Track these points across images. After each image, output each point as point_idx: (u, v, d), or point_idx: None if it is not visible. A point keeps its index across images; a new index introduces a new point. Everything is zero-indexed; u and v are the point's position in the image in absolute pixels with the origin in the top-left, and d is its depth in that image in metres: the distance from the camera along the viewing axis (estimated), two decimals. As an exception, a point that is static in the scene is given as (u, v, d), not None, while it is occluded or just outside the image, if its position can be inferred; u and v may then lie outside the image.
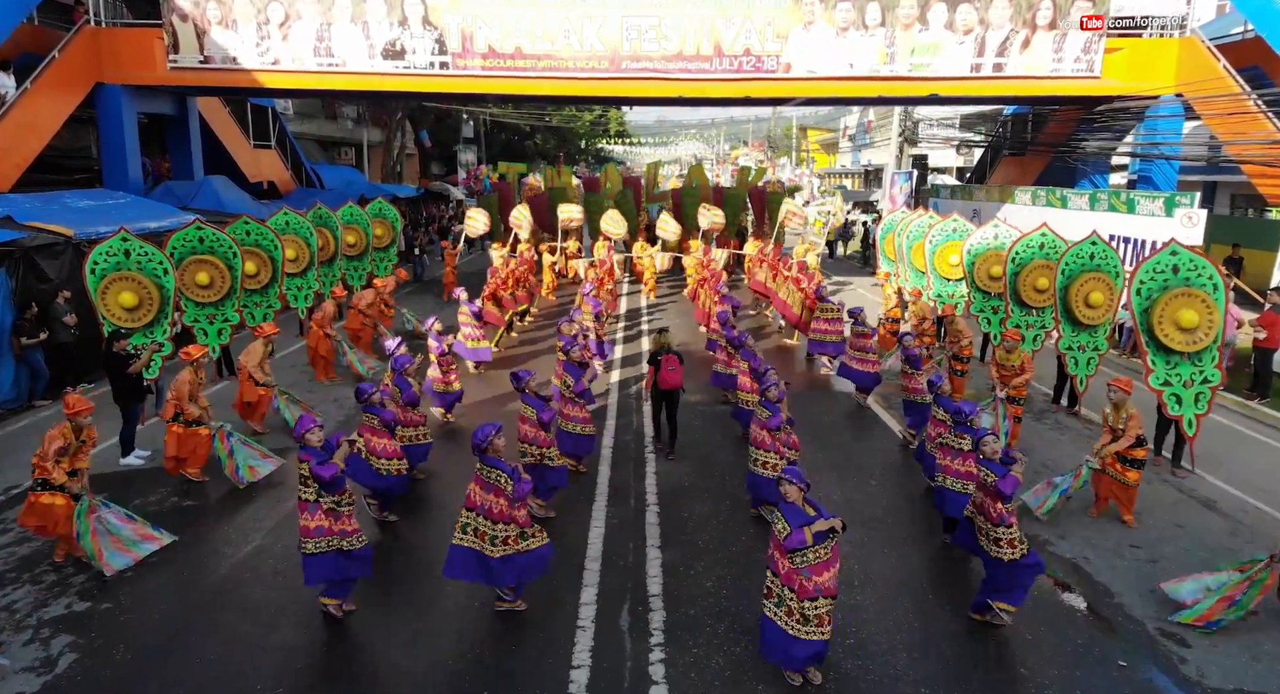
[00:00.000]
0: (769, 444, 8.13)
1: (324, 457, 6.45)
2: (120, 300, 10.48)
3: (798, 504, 5.73)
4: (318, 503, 6.44)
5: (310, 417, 6.72)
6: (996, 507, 6.32)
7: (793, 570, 5.54)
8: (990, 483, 6.37)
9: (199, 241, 12.48)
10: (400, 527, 8.35)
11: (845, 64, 19.30)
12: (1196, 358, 9.46)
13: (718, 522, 8.34)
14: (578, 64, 19.20)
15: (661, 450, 10.28)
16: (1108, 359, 12.54)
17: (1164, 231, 16.67)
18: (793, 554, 5.51)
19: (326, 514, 6.44)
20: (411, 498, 9.08)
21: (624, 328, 17.78)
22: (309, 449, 6.47)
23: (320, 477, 6.30)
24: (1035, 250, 12.88)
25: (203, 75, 19.24)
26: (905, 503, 8.99)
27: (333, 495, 6.45)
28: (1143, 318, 9.42)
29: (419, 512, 8.77)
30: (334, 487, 6.43)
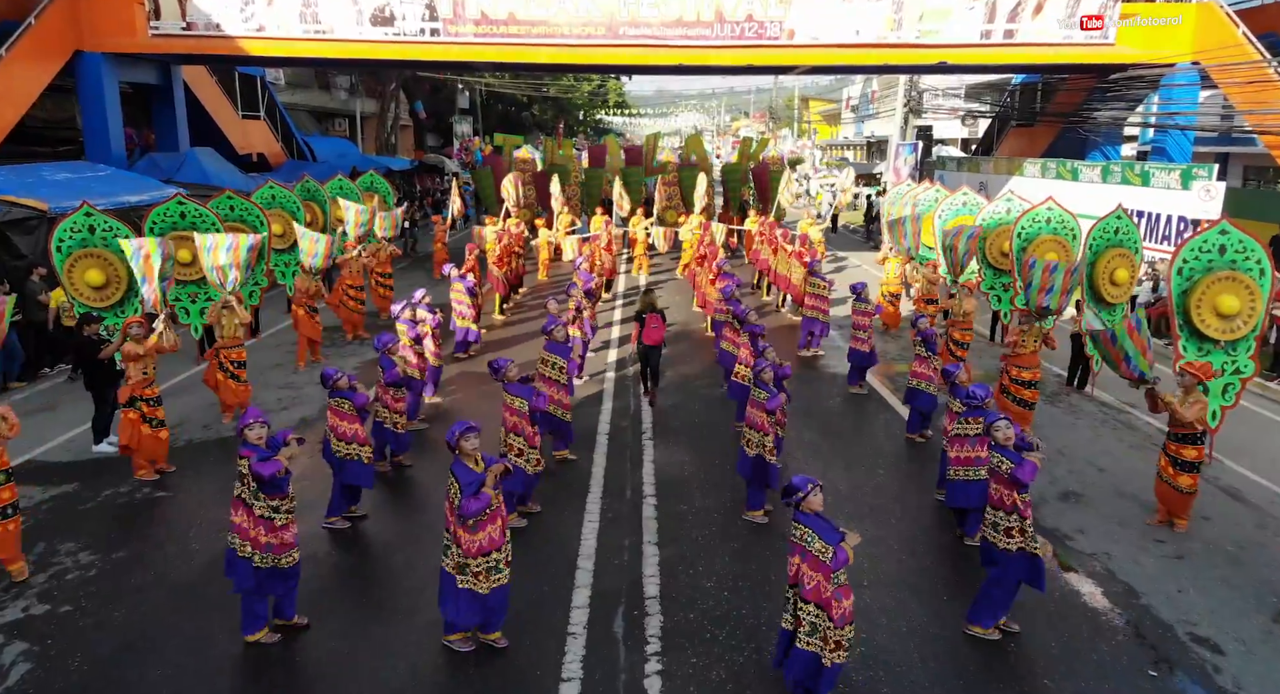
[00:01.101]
0: (764, 426, 7.69)
1: (266, 454, 5.82)
2: (87, 279, 9.94)
3: (822, 514, 5.20)
4: (249, 505, 5.82)
5: (256, 410, 6.13)
6: (1011, 496, 5.85)
7: (831, 596, 4.98)
8: (1006, 471, 5.85)
9: (180, 217, 11.92)
10: (375, 523, 7.89)
11: (851, 30, 18.62)
12: (1231, 347, 8.90)
13: (719, 515, 7.90)
14: (573, 30, 18.54)
15: (647, 395, 11.28)
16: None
17: (1181, 205, 16.16)
18: (834, 574, 4.99)
19: (259, 520, 5.80)
20: (390, 489, 8.64)
21: (622, 306, 17.28)
22: (250, 445, 5.88)
23: (259, 474, 5.69)
24: (1042, 225, 12.35)
25: (185, 42, 18.59)
26: (915, 494, 8.54)
27: (271, 499, 5.82)
28: (1179, 299, 8.86)
29: (396, 506, 8.34)
30: (273, 488, 5.80)
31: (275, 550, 5.86)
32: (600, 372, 12.62)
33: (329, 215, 17.37)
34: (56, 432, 10.08)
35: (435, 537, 6.79)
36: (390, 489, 8.63)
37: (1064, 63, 19.64)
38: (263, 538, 5.81)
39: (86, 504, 8.21)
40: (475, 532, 5.56)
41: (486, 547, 5.60)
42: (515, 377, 7.61)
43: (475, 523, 5.53)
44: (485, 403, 10.47)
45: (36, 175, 15.27)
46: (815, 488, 5.16)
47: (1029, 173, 21.68)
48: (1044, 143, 25.32)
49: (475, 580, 5.63)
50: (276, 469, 5.71)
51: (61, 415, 10.66)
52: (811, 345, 13.89)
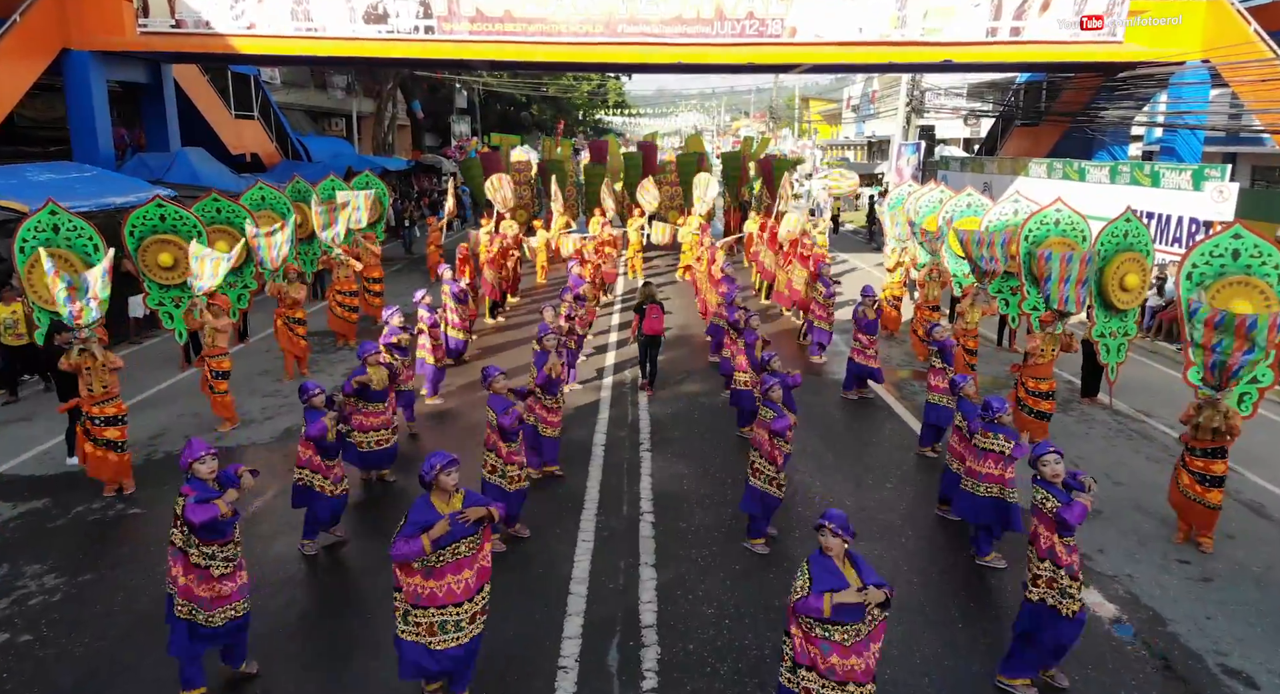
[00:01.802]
0: (765, 448, 7.16)
1: (207, 494, 5.08)
2: (46, 281, 9.39)
3: (835, 560, 4.47)
4: (184, 551, 5.10)
5: (200, 442, 5.33)
6: (1050, 538, 5.27)
7: (808, 638, 4.37)
8: (1050, 510, 5.25)
9: (160, 220, 11.53)
10: (353, 544, 7.49)
11: (854, 28, 18.23)
12: (1246, 355, 8.53)
13: (720, 534, 7.51)
14: (571, 28, 18.13)
15: (645, 387, 11.60)
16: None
17: (1193, 207, 15.77)
18: (803, 619, 4.39)
19: (192, 568, 5.07)
20: (375, 508, 8.25)
21: (620, 310, 16.89)
22: (195, 481, 5.19)
23: (189, 521, 4.96)
24: (1050, 227, 11.96)
25: (174, 40, 18.19)
26: (925, 511, 8.15)
27: (207, 544, 5.08)
28: (1189, 305, 8.49)
29: (379, 524, 7.94)
30: (207, 534, 5.06)
31: (208, 606, 5.13)
32: (596, 378, 12.24)
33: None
34: (31, 444, 9.70)
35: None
36: (375, 507, 8.24)
37: (1071, 61, 19.24)
38: (196, 590, 5.10)
39: (56, 521, 7.83)
40: (429, 578, 4.74)
41: (442, 599, 4.74)
42: (501, 388, 7.15)
43: (426, 567, 4.73)
44: (480, 411, 10.08)
45: (20, 176, 14.88)
46: (835, 533, 4.48)
47: (1034, 173, 21.28)
48: (1049, 143, 24.91)
49: (419, 633, 4.82)
50: (210, 516, 4.96)
51: (37, 427, 10.29)
52: (812, 352, 13.53)
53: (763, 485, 7.15)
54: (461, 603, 4.82)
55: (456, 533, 4.76)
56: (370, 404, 8.21)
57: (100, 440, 8.23)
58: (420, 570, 4.75)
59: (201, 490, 5.17)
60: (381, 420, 8.33)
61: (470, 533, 4.84)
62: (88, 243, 9.39)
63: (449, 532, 4.70)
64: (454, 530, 4.74)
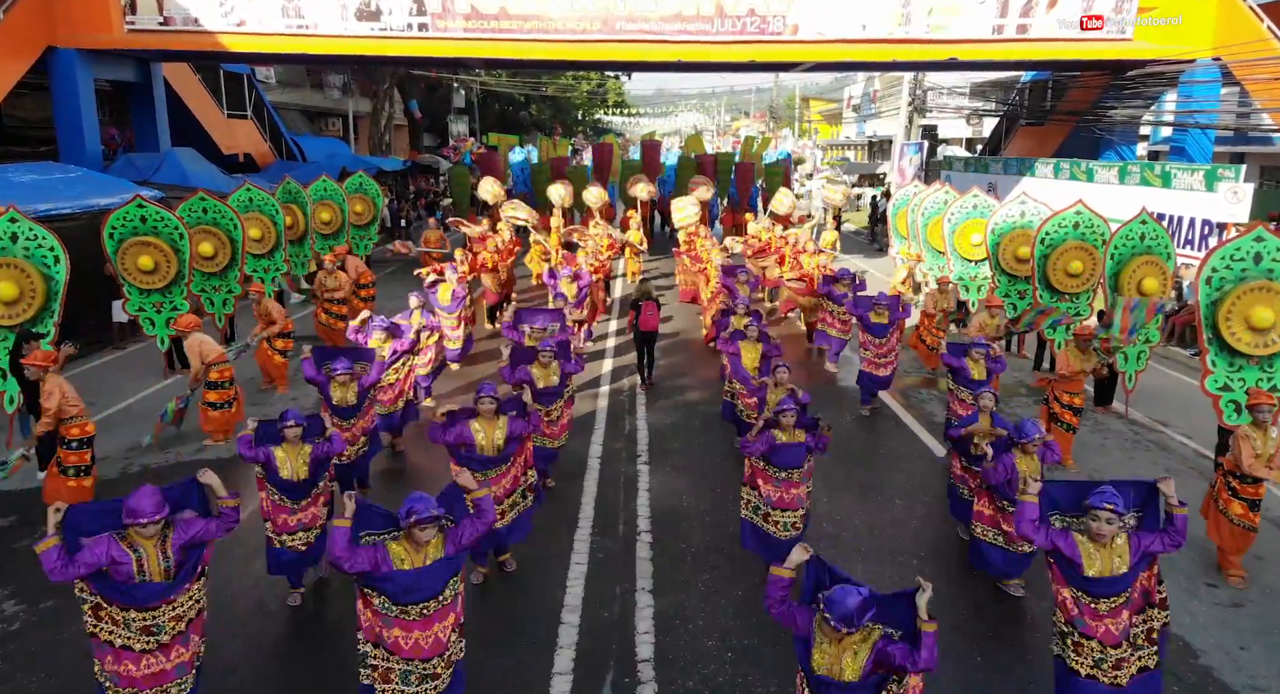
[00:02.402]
0: (790, 499, 6.25)
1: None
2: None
3: None
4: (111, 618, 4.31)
5: (150, 500, 4.38)
6: (1061, 591, 4.68)
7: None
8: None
9: (140, 221, 11.16)
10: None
11: (857, 25, 17.86)
12: (1267, 363, 8.14)
13: (721, 556, 7.10)
14: (568, 25, 17.77)
15: (644, 384, 11.77)
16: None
17: (1206, 208, 15.38)
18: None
19: (113, 648, 4.30)
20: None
21: (617, 317, 16.49)
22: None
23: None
24: (1069, 230, 11.60)
25: (163, 38, 17.83)
26: (938, 531, 7.75)
27: (124, 609, 4.27)
28: (1208, 311, 8.10)
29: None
30: (117, 594, 4.22)
31: (140, 685, 4.35)
32: (593, 386, 11.85)
33: (310, 219, 16.57)
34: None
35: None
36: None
37: (1079, 59, 18.85)
38: (129, 670, 4.32)
39: (22, 540, 7.43)
40: (390, 627, 4.17)
41: (407, 651, 4.21)
42: (488, 410, 6.33)
43: (401, 614, 4.17)
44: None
45: (1, 177, 14.48)
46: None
47: (1040, 173, 20.89)
48: (1054, 142, 24.51)
49: (378, 681, 4.31)
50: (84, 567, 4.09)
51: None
52: (831, 359, 13.05)
53: (749, 516, 6.47)
54: (434, 657, 4.28)
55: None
56: (344, 419, 7.76)
57: (71, 469, 7.69)
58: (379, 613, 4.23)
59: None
60: (354, 434, 7.83)
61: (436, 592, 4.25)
62: (48, 254, 8.91)
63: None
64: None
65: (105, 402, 11.15)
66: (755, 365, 8.65)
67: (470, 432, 6.21)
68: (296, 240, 16.21)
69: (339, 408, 7.67)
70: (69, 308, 13.04)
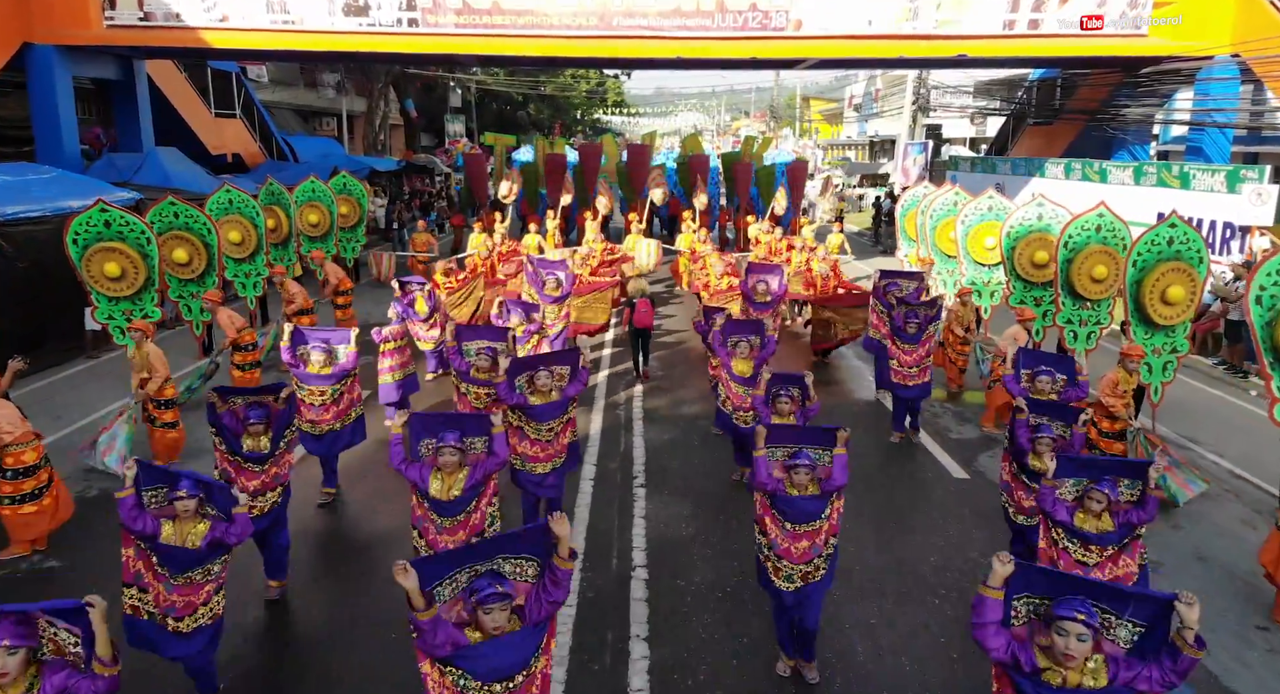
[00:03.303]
0: (758, 512, 5.44)
1: None
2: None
3: None
4: None
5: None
6: None
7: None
8: None
9: (105, 226, 10.52)
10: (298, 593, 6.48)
11: (863, 21, 17.23)
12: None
13: (724, 596, 6.47)
14: (563, 21, 17.13)
15: (640, 377, 12.08)
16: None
17: (1227, 210, 14.78)
18: None
19: None
20: (323, 544, 7.22)
21: (614, 324, 15.84)
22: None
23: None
24: (1091, 233, 10.98)
25: (143, 34, 17.20)
26: (960, 561, 7.12)
27: None
28: (1265, 333, 7.44)
29: (323, 569, 6.91)
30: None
31: None
32: (588, 403, 11.21)
33: (294, 221, 15.96)
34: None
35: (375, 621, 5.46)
36: (323, 543, 7.23)
37: (1093, 56, 18.21)
38: None
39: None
40: None
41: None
42: (450, 463, 5.36)
43: None
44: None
45: (-30, 178, 13.87)
46: None
47: (1051, 173, 20.31)
48: (1064, 142, 23.92)
49: None
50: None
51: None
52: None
53: (760, 553, 5.45)
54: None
55: None
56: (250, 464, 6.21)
57: (7, 498, 7.00)
58: None
59: None
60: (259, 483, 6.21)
61: None
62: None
63: None
64: None
65: (71, 416, 10.53)
66: (747, 376, 8.05)
67: (426, 478, 5.30)
68: (280, 243, 15.61)
69: (251, 454, 6.11)
70: (40, 315, 12.49)
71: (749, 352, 8.13)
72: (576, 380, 6.76)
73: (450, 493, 5.24)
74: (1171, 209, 10.13)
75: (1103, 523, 5.16)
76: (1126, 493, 5.27)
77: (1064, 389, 7.31)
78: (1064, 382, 7.37)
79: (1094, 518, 5.17)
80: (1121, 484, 5.26)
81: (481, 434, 5.46)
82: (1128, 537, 5.17)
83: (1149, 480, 5.14)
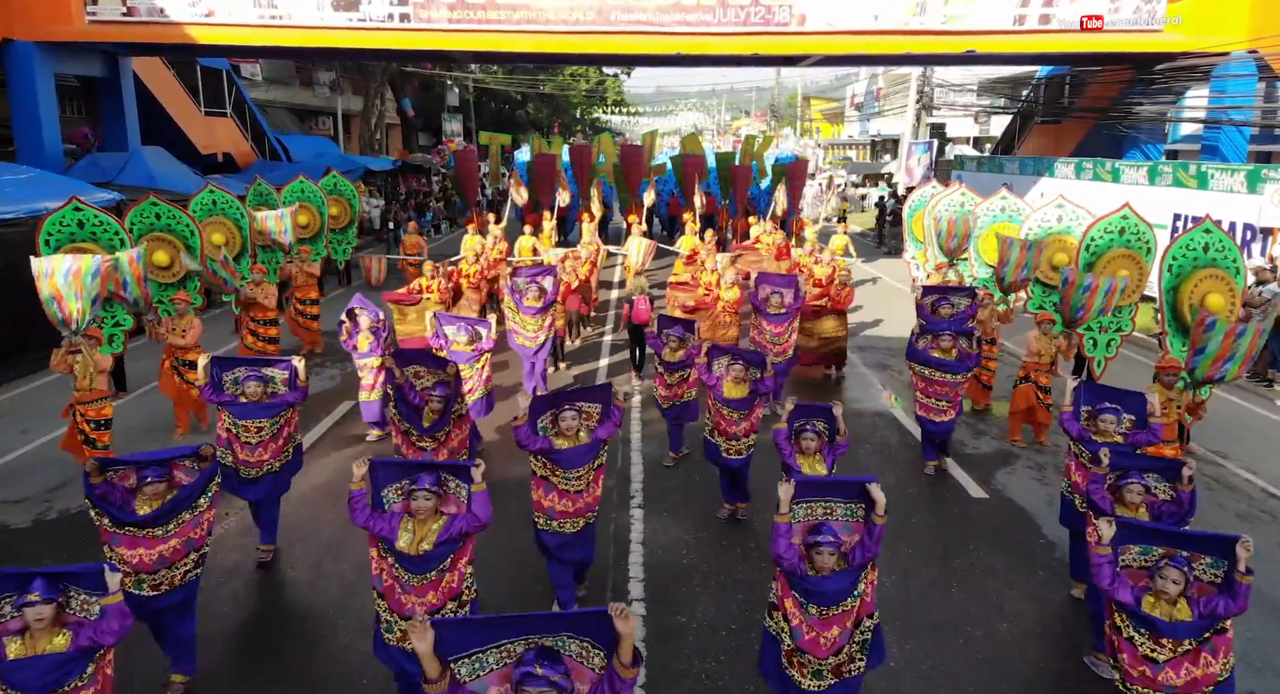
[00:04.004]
0: (778, 593, 4.58)
1: None
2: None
3: None
4: None
5: None
6: None
7: None
8: None
9: (78, 226, 10.00)
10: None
11: (869, 16, 16.75)
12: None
13: (728, 634, 5.93)
14: (559, 16, 16.66)
15: (636, 374, 12.05)
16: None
17: (1247, 211, 14.26)
18: None
19: None
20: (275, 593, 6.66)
21: (611, 330, 15.33)
22: None
23: None
24: (1114, 236, 10.47)
25: (126, 29, 16.71)
26: (983, 596, 6.60)
27: None
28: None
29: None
30: None
31: None
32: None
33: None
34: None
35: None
36: (257, 616, 6.67)
37: (1106, 52, 17.70)
38: None
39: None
40: None
41: None
42: (425, 509, 4.60)
43: None
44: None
45: (-57, 179, 13.37)
46: None
47: (1061, 173, 19.78)
48: (1073, 141, 23.41)
49: None
50: None
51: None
52: None
53: (773, 632, 4.58)
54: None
55: None
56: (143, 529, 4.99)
57: None
58: None
59: None
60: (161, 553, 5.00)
61: None
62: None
63: None
64: None
65: (39, 428, 9.99)
66: (740, 398, 7.37)
67: (395, 529, 4.50)
68: (265, 246, 15.08)
69: (149, 518, 4.97)
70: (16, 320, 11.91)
71: (742, 375, 7.34)
72: (608, 420, 5.76)
73: (420, 546, 4.44)
74: (1206, 213, 9.60)
75: (1178, 611, 4.19)
76: (1207, 573, 4.30)
77: (1131, 431, 6.15)
78: (1132, 423, 6.18)
79: (1167, 603, 4.22)
80: (1200, 564, 4.30)
81: (463, 482, 4.68)
82: (1209, 630, 4.17)
83: (1238, 560, 4.10)
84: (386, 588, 4.49)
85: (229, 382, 6.74)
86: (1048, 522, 7.74)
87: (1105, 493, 5.25)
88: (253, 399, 6.60)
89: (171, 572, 5.01)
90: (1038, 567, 6.99)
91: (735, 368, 7.34)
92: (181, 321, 9.75)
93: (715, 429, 7.47)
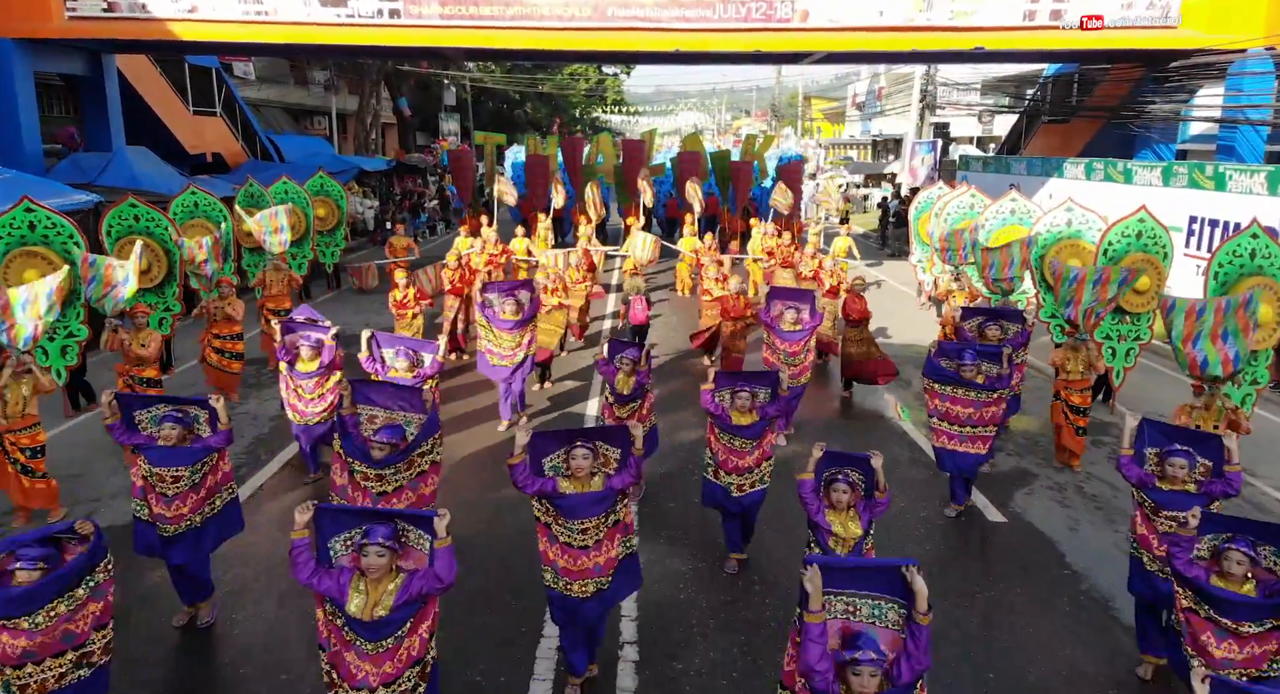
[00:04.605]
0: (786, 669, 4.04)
1: None
2: None
3: None
4: None
5: None
6: None
7: None
8: None
9: (29, 228, 9.46)
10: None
11: (874, 12, 16.20)
12: None
13: (729, 681, 5.41)
14: (554, 12, 16.11)
15: None
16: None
17: (1268, 214, 13.66)
18: None
19: None
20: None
21: (609, 334, 14.82)
22: None
23: None
24: (1132, 240, 9.98)
25: (107, 26, 16.17)
26: (1014, 631, 6.08)
27: None
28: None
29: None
30: None
31: None
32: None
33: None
34: None
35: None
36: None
37: (1119, 49, 17.16)
38: None
39: None
40: None
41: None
42: (378, 567, 3.98)
43: None
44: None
45: (-89, 181, 12.84)
46: None
47: (1070, 174, 19.25)
48: (1081, 140, 22.88)
49: None
50: None
51: None
52: None
53: None
54: None
55: None
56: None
57: None
58: None
59: None
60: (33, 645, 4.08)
61: None
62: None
63: None
64: None
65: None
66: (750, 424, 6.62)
67: (345, 588, 3.89)
68: (255, 248, 14.59)
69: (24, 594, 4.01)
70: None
71: (749, 403, 6.59)
72: (626, 468, 5.02)
73: (375, 612, 3.82)
74: (1252, 217, 9.02)
75: (1246, 591, 4.33)
76: (1270, 560, 4.42)
77: (1206, 480, 5.35)
78: (1206, 470, 5.40)
79: (1235, 584, 4.32)
80: (1264, 551, 4.41)
81: (425, 533, 4.06)
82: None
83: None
84: (334, 655, 3.92)
85: (146, 420, 5.74)
86: (1071, 549, 7.24)
87: (1190, 560, 4.43)
88: (168, 443, 5.56)
89: (41, 670, 4.03)
90: (1064, 602, 6.46)
91: (742, 397, 6.58)
92: (142, 333, 9.15)
93: (720, 468, 6.65)
